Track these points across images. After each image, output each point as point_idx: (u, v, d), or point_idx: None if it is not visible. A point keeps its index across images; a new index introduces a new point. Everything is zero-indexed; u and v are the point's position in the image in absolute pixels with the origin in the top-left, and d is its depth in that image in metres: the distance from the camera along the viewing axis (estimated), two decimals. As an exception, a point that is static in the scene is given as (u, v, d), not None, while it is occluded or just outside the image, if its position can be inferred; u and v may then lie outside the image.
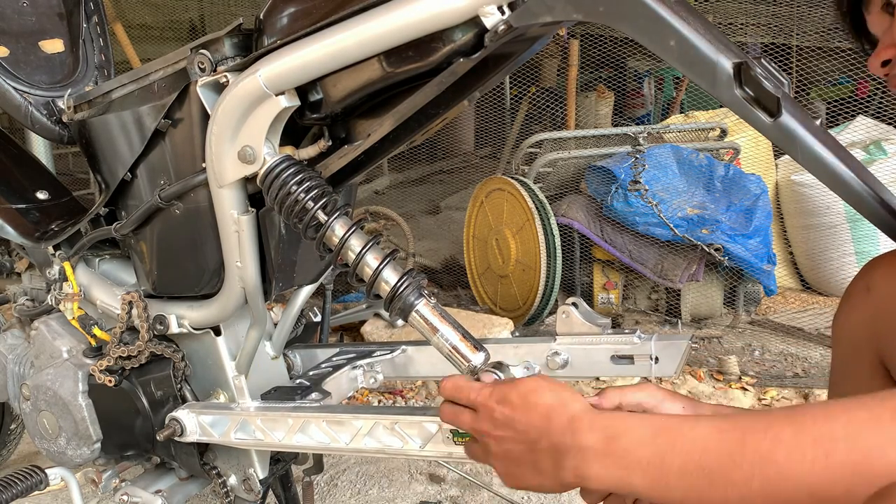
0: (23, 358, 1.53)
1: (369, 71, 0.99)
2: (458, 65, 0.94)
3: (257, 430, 1.19)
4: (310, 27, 0.99)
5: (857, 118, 3.71)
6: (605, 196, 3.24)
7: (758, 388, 2.54)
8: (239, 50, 1.12)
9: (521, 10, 0.86)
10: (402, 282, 1.02)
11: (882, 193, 0.81)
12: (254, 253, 1.17)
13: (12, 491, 1.30)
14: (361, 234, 1.06)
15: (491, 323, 2.95)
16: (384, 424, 1.08)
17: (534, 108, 4.68)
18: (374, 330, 2.98)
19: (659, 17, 0.78)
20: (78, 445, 1.38)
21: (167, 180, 1.22)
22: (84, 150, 1.34)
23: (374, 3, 0.93)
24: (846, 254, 3.46)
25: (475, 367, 0.98)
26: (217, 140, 1.08)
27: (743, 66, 0.76)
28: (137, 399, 1.35)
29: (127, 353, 1.32)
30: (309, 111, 1.08)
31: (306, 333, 1.55)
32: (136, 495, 1.35)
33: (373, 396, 2.72)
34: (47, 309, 1.50)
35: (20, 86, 1.41)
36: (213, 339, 1.32)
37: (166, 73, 1.19)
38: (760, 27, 4.17)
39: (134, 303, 1.32)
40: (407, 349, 1.43)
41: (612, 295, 3.40)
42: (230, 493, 1.35)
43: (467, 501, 2.01)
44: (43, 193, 1.54)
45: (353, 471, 2.18)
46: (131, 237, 1.32)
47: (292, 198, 1.06)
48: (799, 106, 0.80)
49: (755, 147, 3.68)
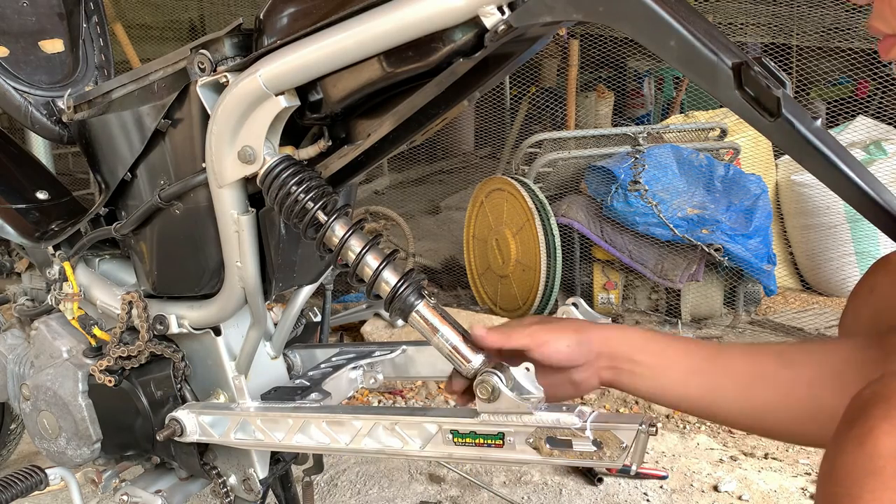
0: (23, 358, 1.53)
1: (369, 71, 0.99)
2: (458, 65, 0.94)
3: (257, 430, 1.19)
4: (310, 27, 0.99)
5: (857, 118, 3.71)
6: (605, 196, 3.24)
7: (758, 388, 2.54)
8: (239, 50, 1.12)
9: (521, 10, 0.86)
10: (402, 282, 1.02)
11: (882, 193, 0.81)
12: (254, 253, 1.17)
13: (12, 491, 1.30)
14: (361, 235, 1.06)
15: (491, 323, 2.95)
16: (384, 425, 1.08)
17: (534, 108, 4.68)
18: (374, 330, 2.98)
19: (659, 17, 0.78)
20: (78, 445, 1.38)
21: (167, 180, 1.22)
22: (84, 150, 1.34)
23: (374, 3, 0.93)
24: (846, 254, 3.47)
25: (475, 368, 0.98)
26: (217, 140, 1.08)
27: (743, 66, 0.76)
28: (137, 399, 1.35)
29: (127, 353, 1.32)
30: (309, 111, 1.08)
31: (306, 333, 1.55)
32: (136, 495, 1.35)
33: (373, 396, 2.72)
34: (47, 309, 1.50)
35: (20, 86, 1.41)
36: (212, 339, 1.32)
37: (166, 73, 1.19)
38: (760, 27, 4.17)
39: (134, 303, 1.32)
40: (407, 349, 1.43)
41: (612, 295, 3.40)
42: (230, 493, 1.35)
43: (467, 501, 2.01)
44: (43, 193, 1.54)
45: (353, 471, 2.18)
46: (131, 237, 1.32)
47: (292, 198, 1.06)
48: (799, 106, 0.80)
49: (755, 147, 3.68)
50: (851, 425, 0.58)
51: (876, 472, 0.54)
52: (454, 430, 1.01)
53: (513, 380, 0.97)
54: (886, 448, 0.54)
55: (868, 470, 0.54)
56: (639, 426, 0.88)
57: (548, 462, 0.97)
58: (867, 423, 0.56)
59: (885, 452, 0.54)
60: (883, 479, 0.53)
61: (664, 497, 1.99)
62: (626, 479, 2.05)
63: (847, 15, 3.72)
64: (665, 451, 2.25)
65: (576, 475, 2.09)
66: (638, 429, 0.88)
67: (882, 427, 0.55)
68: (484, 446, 1.00)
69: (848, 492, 0.55)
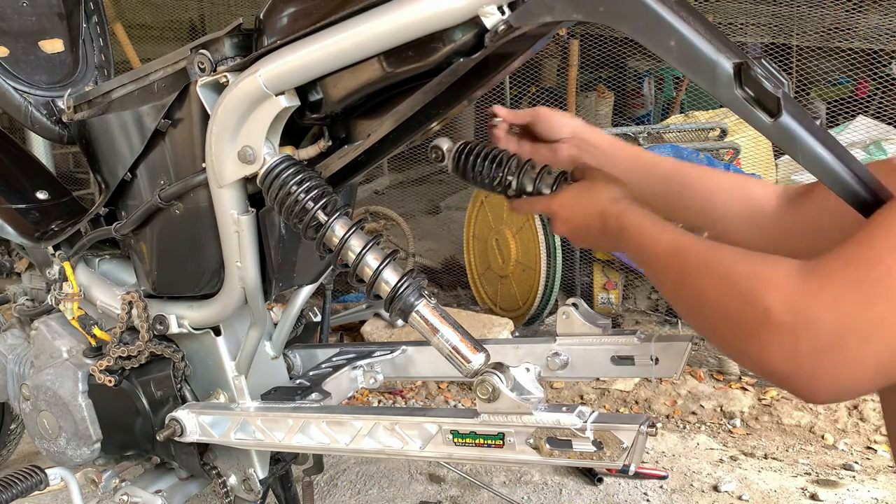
0: (23, 358, 1.53)
1: (369, 71, 0.99)
2: (458, 65, 0.94)
3: (257, 430, 1.19)
4: (310, 27, 0.99)
5: (857, 118, 3.71)
6: (605, 196, 3.23)
7: (758, 388, 2.54)
8: (239, 50, 1.12)
9: (521, 10, 0.86)
10: (402, 282, 1.02)
11: (882, 194, 0.81)
12: (254, 253, 1.17)
13: (12, 491, 1.30)
14: (361, 235, 1.06)
15: (491, 323, 2.95)
16: (384, 425, 1.08)
17: (534, 108, 4.67)
18: (374, 330, 2.98)
19: (659, 17, 0.78)
20: (78, 445, 1.38)
21: (167, 180, 1.22)
22: (84, 150, 1.34)
23: (373, 3, 0.93)
24: (845, 253, 3.46)
25: (475, 369, 0.98)
26: (217, 140, 1.08)
27: (743, 66, 0.76)
28: (137, 399, 1.35)
29: (127, 354, 1.32)
30: (309, 111, 1.07)
31: (306, 333, 1.55)
32: (136, 495, 1.35)
33: (373, 397, 2.72)
34: (47, 309, 1.50)
35: (20, 86, 1.41)
36: (213, 339, 1.31)
37: (166, 73, 1.19)
38: (760, 27, 4.16)
39: (134, 303, 1.32)
40: (407, 349, 1.43)
41: (612, 295, 3.40)
42: (230, 493, 1.35)
43: (467, 501, 2.01)
44: (43, 193, 1.54)
45: (353, 471, 2.18)
46: (131, 237, 1.32)
47: (292, 198, 1.06)
48: (799, 106, 0.80)
49: (755, 147, 3.67)
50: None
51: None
52: (454, 430, 1.01)
53: (513, 380, 0.97)
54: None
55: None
56: (639, 426, 0.89)
57: (548, 462, 0.97)
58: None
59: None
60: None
61: (664, 497, 1.99)
62: (626, 479, 2.05)
63: (847, 15, 3.72)
64: (665, 451, 2.25)
65: (576, 475, 2.09)
66: (638, 429, 0.88)
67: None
68: (484, 446, 1.00)
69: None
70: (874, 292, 0.63)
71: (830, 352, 0.64)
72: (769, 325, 0.66)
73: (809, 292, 0.65)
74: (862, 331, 0.63)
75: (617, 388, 2.64)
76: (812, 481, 2.04)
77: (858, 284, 0.63)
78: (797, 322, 0.65)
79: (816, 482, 2.04)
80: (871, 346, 0.63)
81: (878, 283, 0.63)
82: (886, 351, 0.63)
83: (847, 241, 0.67)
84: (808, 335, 0.64)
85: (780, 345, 0.66)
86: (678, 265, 0.80)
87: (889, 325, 0.62)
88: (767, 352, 0.67)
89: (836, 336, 0.63)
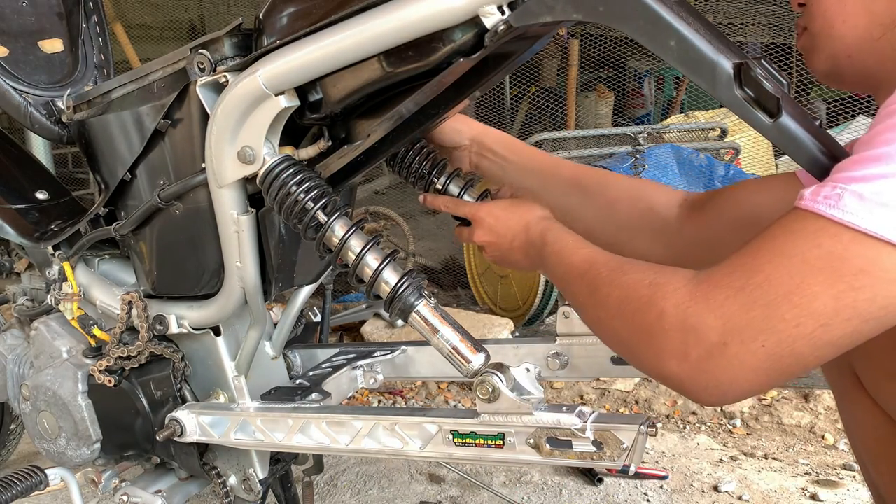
0: (23, 358, 1.52)
1: (369, 71, 0.99)
2: (458, 65, 0.94)
3: (257, 430, 1.19)
4: (309, 27, 0.98)
5: (857, 118, 3.71)
6: (606, 196, 3.23)
7: (758, 389, 2.54)
8: (239, 50, 1.12)
9: (521, 10, 0.85)
10: (402, 282, 1.02)
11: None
12: (253, 253, 1.17)
13: (12, 491, 1.30)
14: (361, 235, 1.06)
15: (491, 323, 2.95)
16: (384, 425, 1.08)
17: (534, 108, 4.68)
18: (374, 330, 2.98)
19: (659, 17, 0.78)
20: (78, 446, 1.38)
21: (167, 180, 1.22)
22: (84, 150, 1.34)
23: (373, 3, 0.93)
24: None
25: (475, 369, 0.98)
26: (217, 140, 1.08)
27: (743, 66, 0.76)
28: (137, 399, 1.35)
29: (127, 354, 1.32)
30: (309, 111, 1.07)
31: (306, 333, 1.55)
32: (135, 495, 1.35)
33: (373, 397, 2.73)
34: (47, 309, 1.50)
35: (20, 86, 1.41)
36: (212, 339, 1.31)
37: (166, 73, 1.19)
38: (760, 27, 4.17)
39: (134, 303, 1.32)
40: (407, 349, 1.43)
41: (612, 295, 3.40)
42: (230, 493, 1.35)
43: (467, 501, 2.01)
44: (43, 193, 1.54)
45: (353, 471, 2.18)
46: (131, 237, 1.32)
47: (292, 198, 1.06)
48: (799, 106, 0.80)
49: (755, 147, 3.67)
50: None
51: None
52: (454, 430, 1.01)
53: (513, 380, 0.97)
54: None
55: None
56: (639, 427, 0.89)
57: (548, 462, 0.97)
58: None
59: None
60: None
61: (664, 497, 1.99)
62: (626, 479, 2.05)
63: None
64: (665, 451, 2.25)
65: (576, 475, 2.09)
66: (638, 429, 0.88)
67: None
68: (484, 447, 1.00)
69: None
70: (752, 298, 0.66)
71: (715, 354, 0.67)
72: (662, 330, 0.70)
73: (699, 298, 0.69)
74: (741, 334, 0.66)
75: (617, 388, 2.64)
76: (812, 481, 2.04)
77: (740, 291, 0.67)
78: (686, 326, 0.69)
79: (817, 482, 2.04)
80: (750, 348, 0.66)
81: (757, 289, 0.66)
82: (764, 353, 0.66)
83: (736, 252, 0.70)
84: (696, 338, 0.68)
85: (671, 349, 0.70)
86: (589, 279, 0.84)
87: (765, 328, 0.65)
88: (661, 357, 0.71)
89: (719, 339, 0.67)
